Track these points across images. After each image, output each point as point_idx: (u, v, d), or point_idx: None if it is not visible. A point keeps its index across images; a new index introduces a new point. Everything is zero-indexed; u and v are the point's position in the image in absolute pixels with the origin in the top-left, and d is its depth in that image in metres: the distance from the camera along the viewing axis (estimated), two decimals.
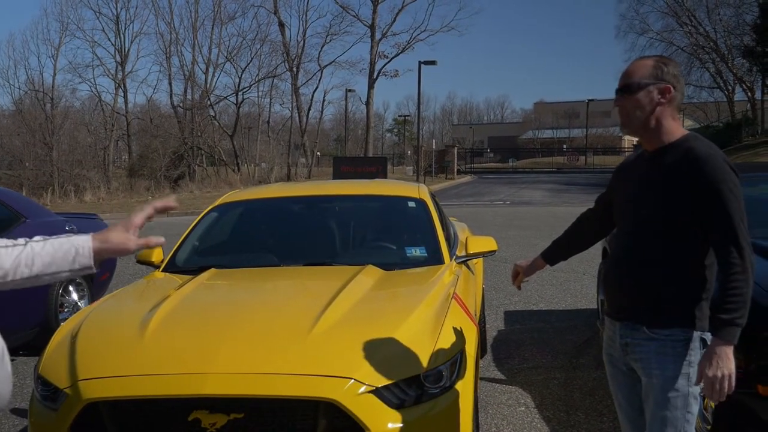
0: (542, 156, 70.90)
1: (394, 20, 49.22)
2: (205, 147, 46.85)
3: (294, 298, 4.00)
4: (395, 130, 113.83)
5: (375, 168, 35.49)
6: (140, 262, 5.03)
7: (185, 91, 49.87)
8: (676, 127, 2.71)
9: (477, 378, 3.83)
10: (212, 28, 49.92)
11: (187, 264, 4.83)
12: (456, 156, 49.96)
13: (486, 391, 5.63)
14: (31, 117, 45.19)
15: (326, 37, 49.17)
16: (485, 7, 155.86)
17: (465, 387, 3.43)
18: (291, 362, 3.19)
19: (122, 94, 51.37)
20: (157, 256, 4.96)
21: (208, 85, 48.91)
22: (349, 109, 61.48)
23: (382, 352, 3.31)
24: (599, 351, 6.63)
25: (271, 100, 51.97)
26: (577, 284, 10.06)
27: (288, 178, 45.68)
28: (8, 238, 6.26)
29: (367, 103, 49.31)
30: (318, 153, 58.71)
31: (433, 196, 5.79)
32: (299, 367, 3.17)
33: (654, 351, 2.71)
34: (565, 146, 71.11)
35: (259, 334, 3.41)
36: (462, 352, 3.51)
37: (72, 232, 7.43)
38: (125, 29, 51.99)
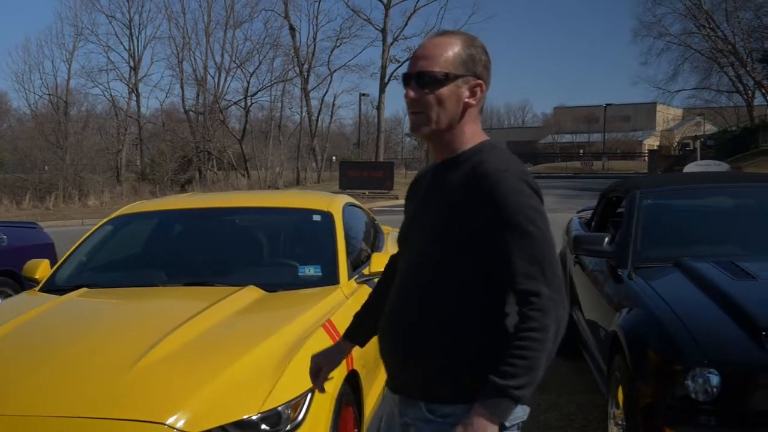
0: (562, 160, 70.28)
1: (406, 24, 48.54)
2: (214, 151, 46.74)
3: (136, 326, 3.61)
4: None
5: (382, 173, 35.06)
6: (25, 278, 4.69)
7: (197, 95, 49.90)
8: (473, 133, 2.05)
9: (342, 420, 3.40)
10: (224, 33, 49.86)
11: (68, 282, 4.47)
12: None
13: None
14: (45, 121, 45.43)
15: (336, 41, 48.95)
16: (499, 12, 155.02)
17: (313, 431, 3.03)
18: (99, 403, 2.82)
19: (135, 99, 51.45)
20: (42, 272, 4.61)
21: (219, 90, 48.84)
22: (369, 114, 61.18)
23: (211, 391, 2.93)
24: (546, 372, 6.24)
25: (282, 104, 51.87)
26: None
27: (297, 182, 45.49)
28: None
29: (378, 108, 48.96)
30: (334, 158, 58.53)
31: (355, 207, 5.40)
32: (107, 409, 2.80)
33: None
34: (582, 151, 70.33)
35: (73, 370, 3.04)
36: (313, 390, 3.09)
37: (0, 242, 7.12)
38: (138, 34, 51.88)
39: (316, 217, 4.76)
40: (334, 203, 4.95)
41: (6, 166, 52.12)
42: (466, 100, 2.01)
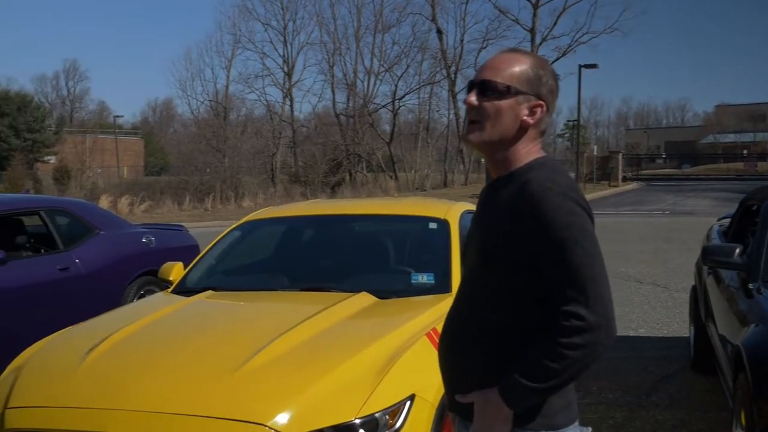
0: (724, 161, 66.96)
1: (555, 23, 47.97)
2: (364, 154, 47.71)
3: (249, 328, 3.78)
4: (566, 135, 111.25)
5: None
6: (160, 279, 5.00)
7: (347, 99, 51.09)
8: (528, 152, 2.02)
9: (445, 430, 3.41)
10: (373, 38, 50.79)
11: (197, 284, 4.72)
12: (621, 162, 47.94)
13: None
14: (206, 125, 47.93)
15: (483, 42, 48.78)
16: (653, 7, 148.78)
17: None
18: (204, 403, 2.99)
19: (289, 103, 53.25)
20: (175, 274, 4.89)
21: (368, 94, 49.82)
22: None
23: (312, 394, 3.04)
24: (678, 388, 6.01)
25: (429, 107, 52.29)
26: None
27: (444, 185, 45.73)
28: (80, 250, 6.41)
29: None
30: (482, 159, 58.25)
31: None
32: (211, 409, 2.96)
33: None
34: (745, 152, 66.61)
35: (186, 369, 3.23)
36: (412, 398, 3.14)
37: (149, 244, 7.60)
38: (292, 40, 53.68)
39: (433, 225, 4.80)
40: (452, 211, 4.97)
41: (171, 168, 55.36)
42: (524, 118, 1.99)
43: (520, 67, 1.99)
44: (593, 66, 38.93)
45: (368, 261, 4.86)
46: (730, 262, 4.65)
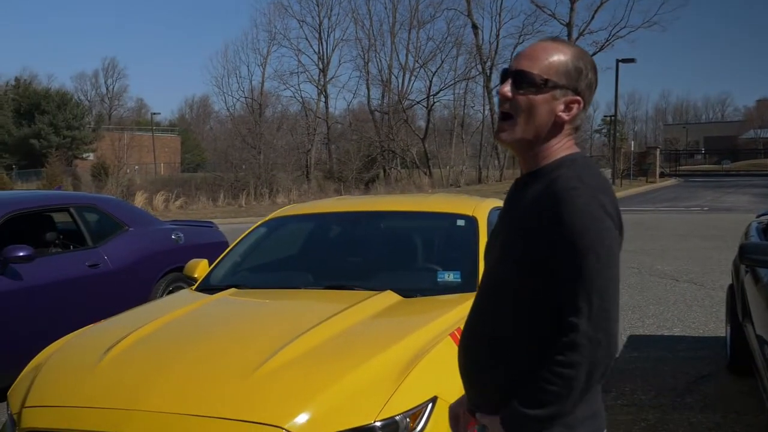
0: (765, 157, 65.87)
1: (593, 18, 47.58)
2: (398, 150, 47.66)
3: (269, 327, 3.70)
4: (604, 131, 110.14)
5: None
6: (186, 276, 4.97)
7: (382, 95, 51.06)
8: (560, 148, 1.90)
9: None
10: (408, 34, 50.70)
11: (221, 282, 4.67)
12: (658, 158, 47.30)
13: None
14: (242, 122, 48.22)
15: (519, 37, 48.51)
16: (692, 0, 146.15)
17: None
18: (221, 404, 2.92)
19: (324, 100, 53.36)
20: (200, 271, 4.86)
21: (402, 90, 49.74)
22: None
23: (331, 396, 2.96)
24: (714, 389, 5.84)
25: (464, 103, 52.11)
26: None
27: (479, 181, 45.52)
28: (109, 246, 6.41)
29: None
30: None
31: None
32: (228, 410, 2.89)
33: None
34: None
35: (200, 370, 3.16)
36: (434, 400, 3.05)
37: (178, 240, 7.59)
38: (327, 37, 53.75)
39: (460, 222, 4.71)
40: (480, 207, 4.87)
41: (207, 165, 55.80)
42: (559, 113, 1.87)
43: (559, 58, 1.86)
44: (631, 60, 38.49)
45: (394, 259, 4.77)
46: None
